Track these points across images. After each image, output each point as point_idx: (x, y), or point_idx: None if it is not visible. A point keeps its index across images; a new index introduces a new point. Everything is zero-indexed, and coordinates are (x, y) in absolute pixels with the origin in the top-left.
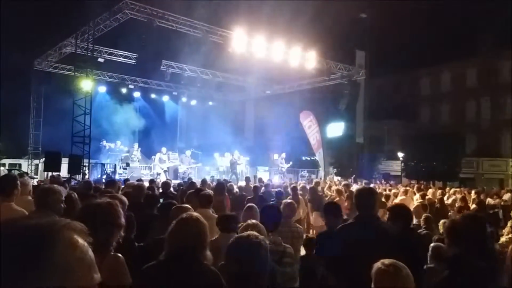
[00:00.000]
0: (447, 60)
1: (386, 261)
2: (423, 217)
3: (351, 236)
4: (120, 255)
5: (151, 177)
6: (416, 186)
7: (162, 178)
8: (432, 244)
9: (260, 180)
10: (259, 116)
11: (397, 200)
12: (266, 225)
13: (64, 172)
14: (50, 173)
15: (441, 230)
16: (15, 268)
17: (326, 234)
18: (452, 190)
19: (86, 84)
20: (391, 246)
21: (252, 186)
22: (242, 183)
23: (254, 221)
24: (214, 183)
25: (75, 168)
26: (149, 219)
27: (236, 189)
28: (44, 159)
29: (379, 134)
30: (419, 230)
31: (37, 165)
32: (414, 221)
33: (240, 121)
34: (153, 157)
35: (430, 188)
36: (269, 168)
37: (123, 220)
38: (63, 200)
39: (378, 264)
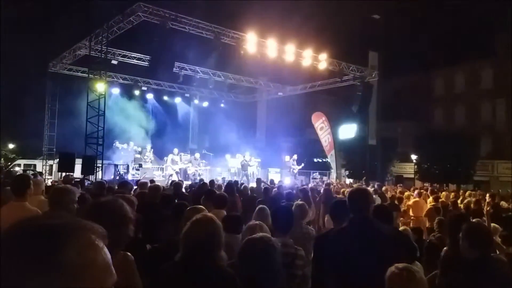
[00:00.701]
0: (461, 61)
1: (400, 265)
2: (436, 220)
3: (344, 240)
4: (129, 254)
5: (163, 178)
6: (429, 189)
7: (174, 179)
8: (445, 248)
9: (272, 181)
10: (271, 118)
11: (410, 202)
12: (278, 227)
13: (77, 172)
14: (64, 174)
15: None
16: (25, 267)
17: (323, 236)
18: (468, 193)
19: (99, 86)
20: (386, 248)
21: (263, 187)
22: (253, 184)
23: (257, 222)
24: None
25: (88, 168)
26: (164, 219)
27: (248, 191)
28: (58, 159)
29: (392, 135)
30: (432, 234)
31: (51, 165)
32: (427, 224)
33: (252, 123)
34: (165, 158)
35: (444, 191)
36: (280, 169)
37: (130, 215)
38: (77, 200)
39: (392, 268)
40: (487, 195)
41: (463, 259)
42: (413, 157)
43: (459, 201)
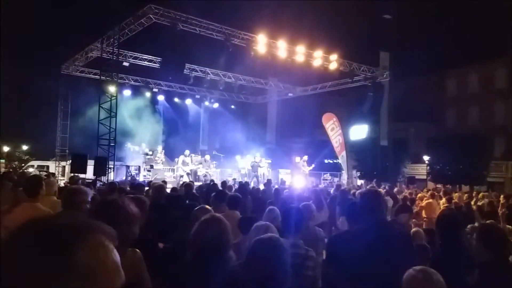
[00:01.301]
0: (474, 61)
1: (417, 267)
2: None
3: (361, 242)
4: (138, 250)
5: (174, 179)
6: (442, 190)
7: (185, 181)
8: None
9: (283, 182)
10: (281, 119)
11: (422, 204)
12: (287, 228)
13: (90, 174)
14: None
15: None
16: (35, 268)
17: (338, 237)
18: (481, 194)
19: (111, 88)
20: (403, 250)
21: (273, 188)
22: (261, 186)
23: (264, 222)
24: (236, 185)
25: (100, 170)
26: (174, 220)
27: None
28: (70, 161)
29: (404, 136)
30: None
31: (64, 167)
32: None
33: (262, 124)
34: (176, 159)
35: (456, 192)
36: (291, 170)
37: (134, 214)
38: (89, 201)
39: (409, 271)
40: (501, 196)
41: (478, 260)
42: (426, 158)
43: (472, 202)
